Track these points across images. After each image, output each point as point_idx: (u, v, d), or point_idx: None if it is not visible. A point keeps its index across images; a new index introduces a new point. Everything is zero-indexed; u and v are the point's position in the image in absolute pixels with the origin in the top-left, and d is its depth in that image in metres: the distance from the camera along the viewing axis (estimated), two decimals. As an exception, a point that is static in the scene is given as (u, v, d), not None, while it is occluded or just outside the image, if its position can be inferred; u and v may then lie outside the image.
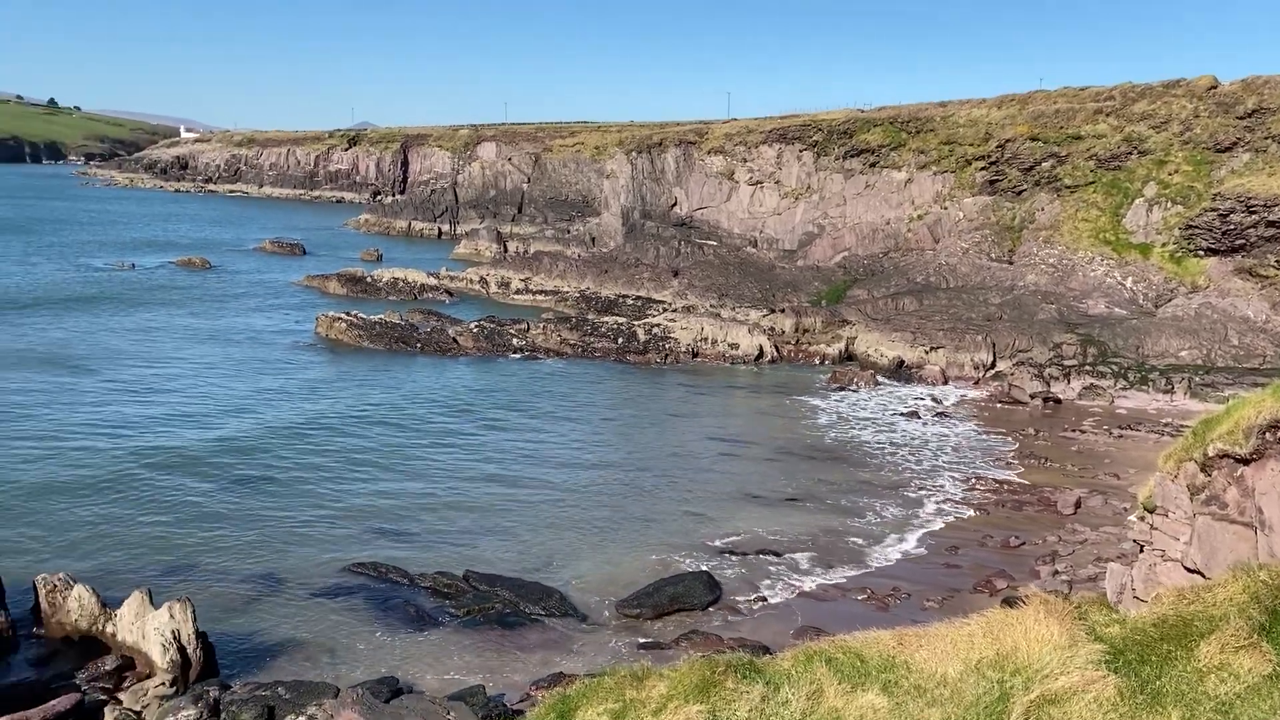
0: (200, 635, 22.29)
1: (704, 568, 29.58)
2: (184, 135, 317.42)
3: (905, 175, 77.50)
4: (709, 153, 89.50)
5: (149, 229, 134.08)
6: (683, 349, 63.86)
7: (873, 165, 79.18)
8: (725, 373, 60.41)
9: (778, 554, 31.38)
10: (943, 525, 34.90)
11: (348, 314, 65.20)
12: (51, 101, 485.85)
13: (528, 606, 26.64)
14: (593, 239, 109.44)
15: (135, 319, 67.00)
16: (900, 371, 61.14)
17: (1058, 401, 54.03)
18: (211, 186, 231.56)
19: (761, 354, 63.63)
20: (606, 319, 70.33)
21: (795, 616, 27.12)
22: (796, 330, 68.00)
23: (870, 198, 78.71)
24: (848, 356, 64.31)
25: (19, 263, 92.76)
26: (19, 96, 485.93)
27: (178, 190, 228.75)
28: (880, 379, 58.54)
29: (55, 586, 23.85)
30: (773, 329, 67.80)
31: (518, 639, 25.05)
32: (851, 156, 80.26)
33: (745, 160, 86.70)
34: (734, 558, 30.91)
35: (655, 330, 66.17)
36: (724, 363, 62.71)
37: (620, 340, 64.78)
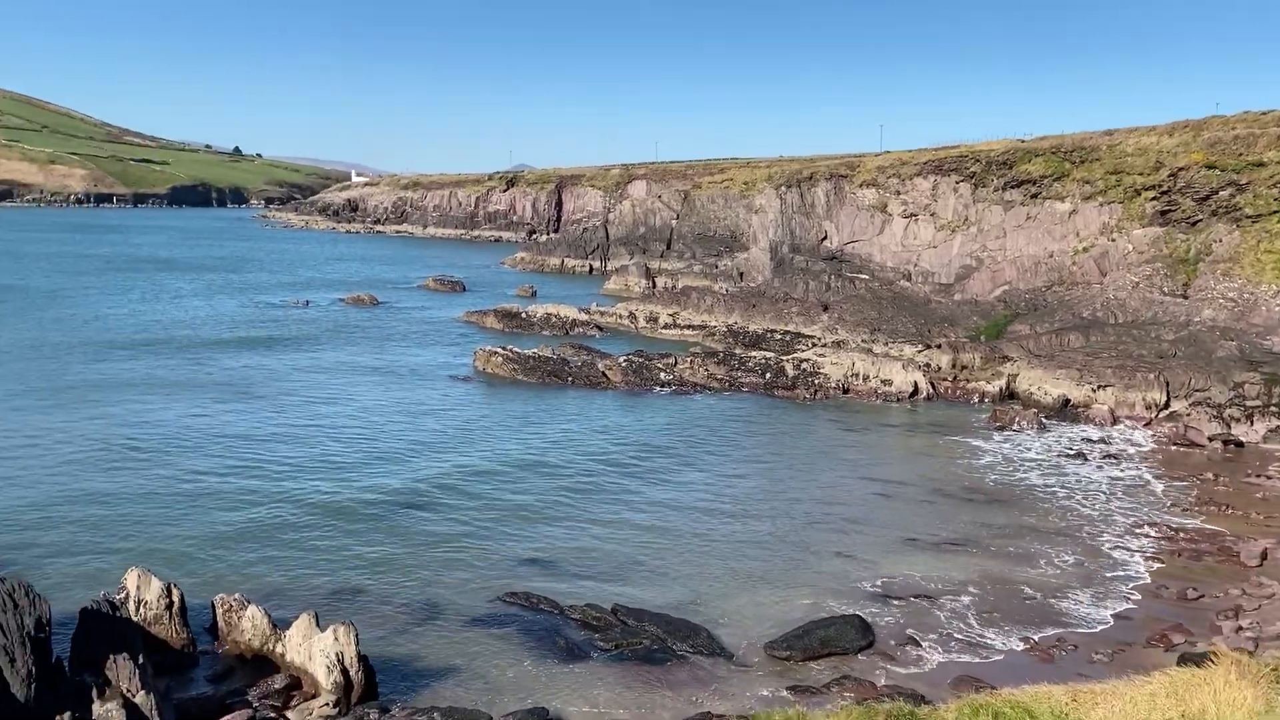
0: (362, 658, 23.03)
1: (856, 611, 28.76)
2: (354, 179, 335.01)
3: (1069, 206, 74.40)
4: (861, 185, 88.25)
5: (321, 268, 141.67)
6: (833, 384, 62.79)
7: (1034, 196, 76.38)
8: (878, 410, 59.01)
9: (935, 599, 30.23)
10: (1114, 574, 32.93)
11: (503, 348, 67.01)
12: (236, 150, 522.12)
13: (675, 643, 26.45)
14: (740, 274, 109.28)
15: (307, 353, 70.68)
16: (1065, 411, 58.32)
17: (1239, 444, 50.42)
18: (379, 228, 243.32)
19: (916, 391, 61.90)
20: (754, 353, 69.89)
21: (952, 665, 26.02)
22: (954, 367, 65.91)
23: (1032, 230, 75.88)
24: (1009, 395, 61.86)
25: (204, 299, 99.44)
26: (208, 146, 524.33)
27: (348, 231, 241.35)
28: (1044, 419, 55.98)
29: (231, 606, 25.14)
30: (928, 365, 65.92)
31: (665, 675, 24.88)
32: (1011, 187, 77.65)
33: (899, 193, 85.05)
34: (888, 602, 29.94)
35: (804, 365, 65.33)
36: (876, 399, 61.28)
37: (768, 375, 64.22)
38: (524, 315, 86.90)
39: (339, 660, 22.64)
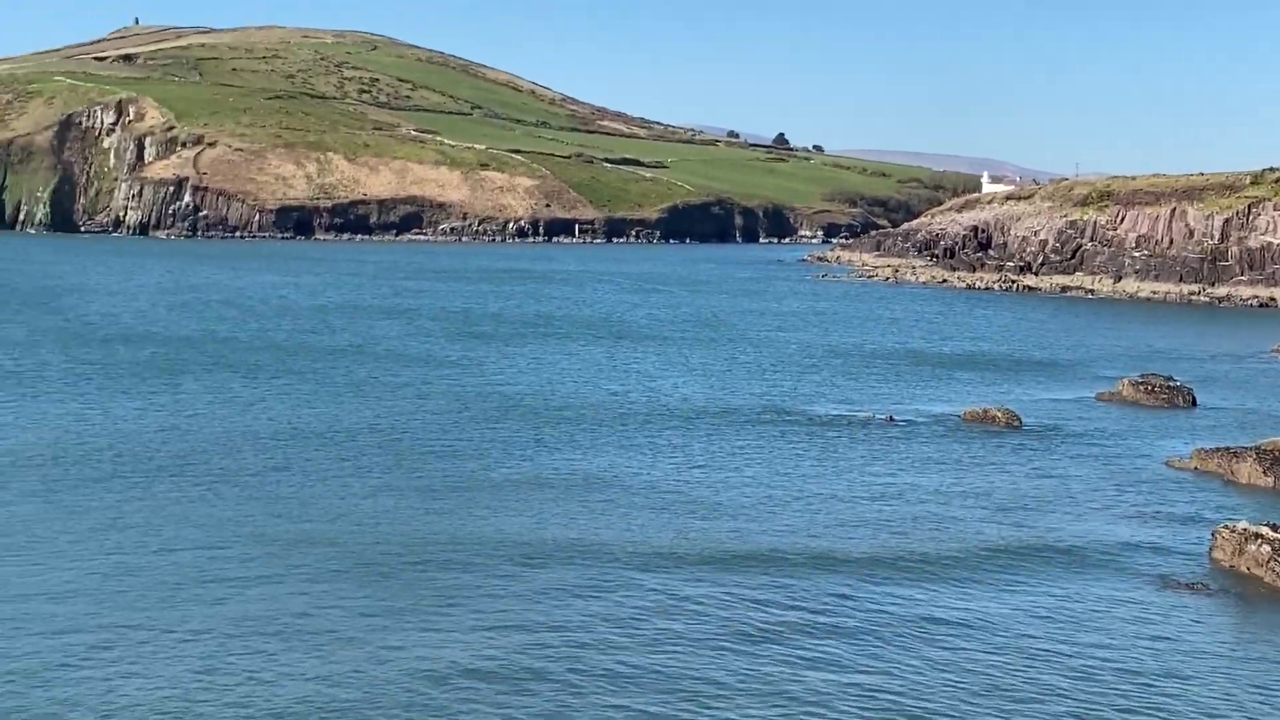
0: None
1: None
2: (986, 188, 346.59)
3: None
4: None
5: (916, 360, 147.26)
6: None
7: None
8: None
9: None
10: None
11: (1276, 528, 63.27)
12: (779, 139, 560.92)
13: None
14: None
15: (904, 506, 71.78)
16: None
17: None
18: (1031, 281, 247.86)
19: None
20: None
21: None
22: None
23: None
24: None
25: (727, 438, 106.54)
26: (732, 134, 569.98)
27: (970, 288, 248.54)
28: None
29: None
30: None
31: None
32: None
33: None
34: None
35: None
36: None
37: None
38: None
39: None
